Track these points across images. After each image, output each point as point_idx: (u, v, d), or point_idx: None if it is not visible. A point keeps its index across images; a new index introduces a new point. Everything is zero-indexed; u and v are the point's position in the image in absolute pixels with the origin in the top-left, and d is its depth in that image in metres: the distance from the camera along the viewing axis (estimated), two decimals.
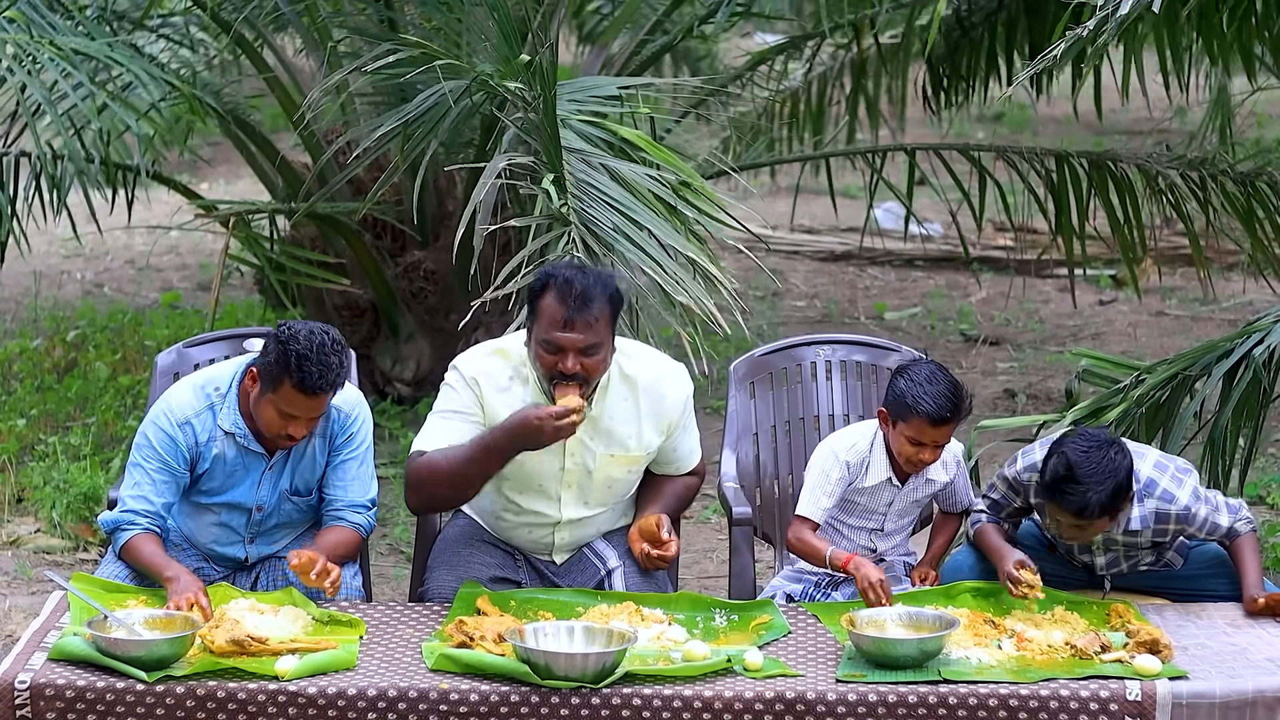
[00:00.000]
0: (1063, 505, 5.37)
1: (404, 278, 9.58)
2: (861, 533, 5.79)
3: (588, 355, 5.41)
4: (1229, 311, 11.48)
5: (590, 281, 5.43)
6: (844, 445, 5.75)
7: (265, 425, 5.52)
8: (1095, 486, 5.31)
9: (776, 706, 4.96)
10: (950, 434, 5.66)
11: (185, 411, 5.60)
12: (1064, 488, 5.34)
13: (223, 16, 9.08)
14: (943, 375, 5.61)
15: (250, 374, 5.53)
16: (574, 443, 5.56)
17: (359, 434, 5.69)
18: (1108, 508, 5.36)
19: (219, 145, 13.71)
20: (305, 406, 5.45)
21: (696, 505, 8.42)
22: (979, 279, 12.19)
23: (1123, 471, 5.35)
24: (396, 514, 8.39)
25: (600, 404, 5.57)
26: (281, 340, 5.42)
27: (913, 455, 5.63)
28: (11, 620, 7.18)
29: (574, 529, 5.71)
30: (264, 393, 5.47)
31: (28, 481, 8.47)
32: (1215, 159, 8.85)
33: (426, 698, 4.96)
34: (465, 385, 5.59)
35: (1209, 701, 5.01)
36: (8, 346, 10.48)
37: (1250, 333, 6.53)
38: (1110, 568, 5.70)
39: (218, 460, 5.62)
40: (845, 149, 10.64)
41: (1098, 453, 5.34)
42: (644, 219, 6.24)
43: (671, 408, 5.65)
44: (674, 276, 6.10)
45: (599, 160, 6.42)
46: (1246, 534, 5.61)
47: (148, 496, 5.57)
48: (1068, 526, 5.44)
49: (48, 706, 4.94)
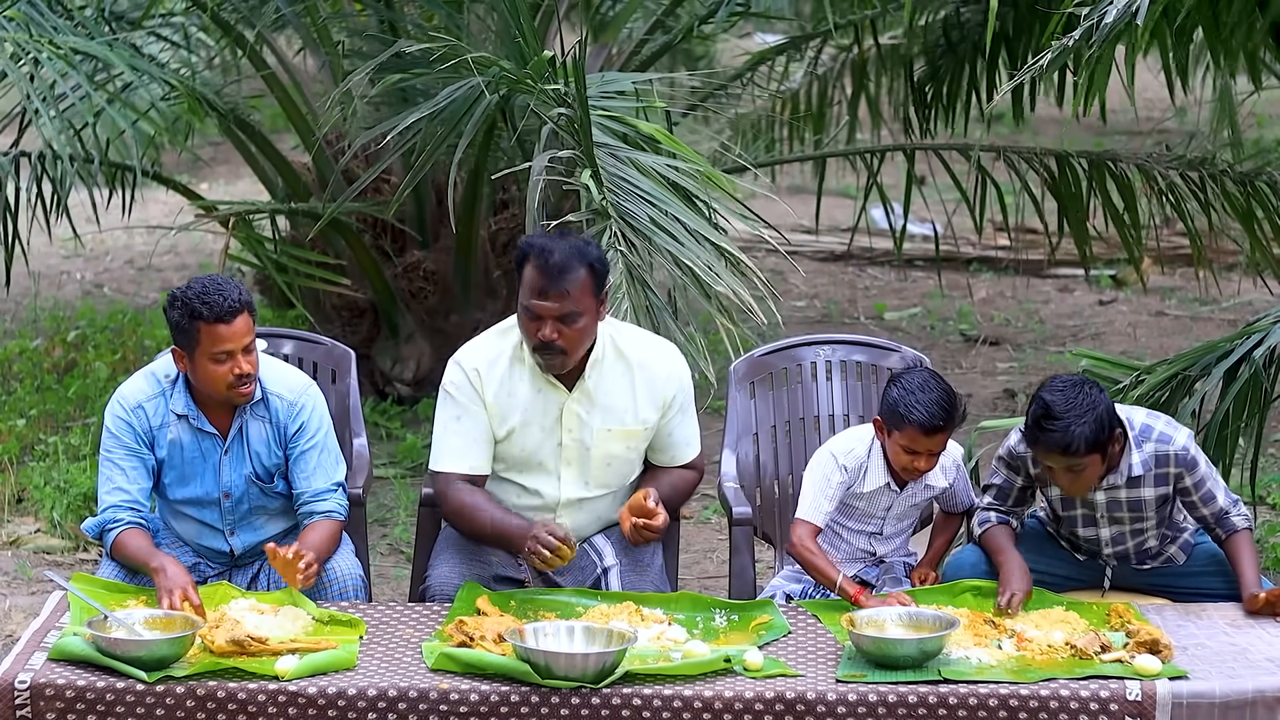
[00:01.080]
0: (1048, 445, 5.40)
1: (404, 278, 9.58)
2: (861, 536, 5.79)
3: (565, 323, 5.49)
4: (1228, 311, 11.47)
5: (568, 251, 5.50)
6: (842, 450, 5.73)
7: (214, 383, 5.53)
8: (1076, 420, 5.35)
9: (776, 706, 4.96)
10: (944, 442, 5.64)
11: (137, 396, 5.67)
12: (1045, 426, 5.37)
13: (222, 17, 9.08)
14: (936, 383, 5.59)
15: (175, 354, 5.58)
16: (571, 418, 5.62)
17: (310, 421, 5.69)
18: (1093, 442, 5.37)
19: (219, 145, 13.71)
20: (231, 335, 5.48)
21: (696, 505, 8.43)
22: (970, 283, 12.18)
23: (1101, 406, 5.38)
24: (397, 514, 8.39)
25: (596, 378, 5.62)
26: (176, 302, 5.53)
27: (908, 464, 5.62)
28: (11, 620, 7.18)
29: (574, 513, 5.72)
30: (191, 354, 5.52)
31: (28, 481, 8.47)
32: (1215, 159, 8.84)
33: (426, 697, 4.96)
34: (465, 381, 5.63)
35: (1209, 701, 5.01)
36: (8, 346, 10.48)
37: (1250, 333, 6.53)
38: (1115, 544, 5.68)
39: (174, 446, 5.65)
40: (844, 149, 10.64)
41: (1073, 390, 5.40)
42: (674, 210, 6.28)
43: (667, 383, 5.69)
44: (708, 266, 6.14)
45: (626, 155, 6.45)
46: (1244, 530, 5.62)
47: (121, 486, 5.61)
48: (1063, 474, 5.45)
49: (48, 706, 4.94)
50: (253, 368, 5.56)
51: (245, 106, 9.74)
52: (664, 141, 6.57)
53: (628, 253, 6.13)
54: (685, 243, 6.19)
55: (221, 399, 5.60)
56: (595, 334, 5.60)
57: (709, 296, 6.15)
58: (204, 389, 5.59)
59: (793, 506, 6.14)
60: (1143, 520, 5.65)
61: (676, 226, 6.23)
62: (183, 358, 5.57)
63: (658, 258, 6.08)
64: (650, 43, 9.99)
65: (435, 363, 9.61)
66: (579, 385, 5.63)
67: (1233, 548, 5.62)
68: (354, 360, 6.30)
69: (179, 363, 5.59)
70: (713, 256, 6.20)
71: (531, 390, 5.63)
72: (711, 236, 6.27)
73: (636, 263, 6.16)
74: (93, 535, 5.65)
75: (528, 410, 5.63)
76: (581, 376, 5.62)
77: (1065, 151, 9.20)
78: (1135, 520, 5.65)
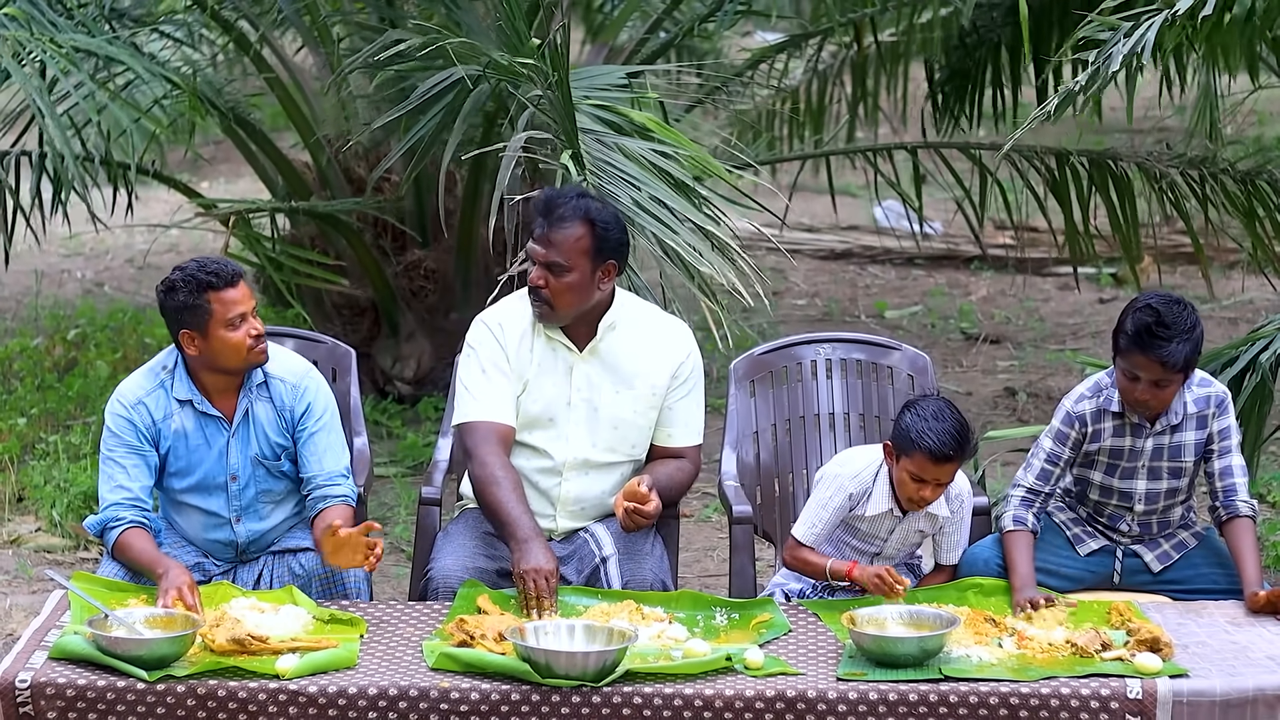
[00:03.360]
0: (1151, 355, 5.47)
1: (404, 276, 9.58)
2: (864, 557, 5.76)
3: (554, 274, 5.62)
4: (1229, 309, 11.47)
5: (574, 206, 5.64)
6: (849, 473, 5.69)
7: (234, 350, 5.59)
8: (1181, 335, 5.48)
9: (777, 705, 4.97)
10: (954, 473, 5.60)
11: (137, 393, 5.69)
12: (1157, 332, 5.47)
13: (223, 15, 9.08)
14: (950, 413, 5.54)
15: (184, 337, 5.61)
16: (580, 377, 5.73)
17: (316, 403, 5.73)
18: (1189, 359, 5.49)
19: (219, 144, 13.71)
20: (241, 298, 5.59)
21: (697, 504, 8.43)
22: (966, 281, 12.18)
23: (1199, 330, 5.53)
24: (397, 513, 8.40)
25: (608, 342, 5.74)
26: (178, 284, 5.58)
27: (914, 493, 5.56)
28: (12, 619, 7.19)
29: (579, 479, 5.75)
30: (205, 330, 5.56)
31: (28, 480, 8.47)
32: (1215, 158, 8.84)
33: (427, 696, 4.96)
34: (490, 335, 5.74)
35: (1209, 699, 5.01)
36: (8, 345, 10.48)
37: (1255, 339, 6.55)
38: (1148, 503, 5.70)
39: (178, 435, 5.67)
40: (845, 147, 10.64)
41: (1178, 306, 5.53)
42: (659, 193, 6.30)
43: (677, 352, 5.79)
44: (693, 247, 6.15)
45: (612, 140, 6.47)
46: (1248, 518, 5.65)
47: (122, 484, 5.62)
48: (1147, 389, 5.52)
49: (48, 706, 4.94)
50: (261, 327, 5.64)
51: (245, 105, 9.74)
52: (657, 131, 6.58)
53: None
54: (670, 225, 6.21)
55: (242, 366, 5.63)
56: (591, 296, 5.67)
57: (692, 276, 6.17)
58: (223, 362, 5.62)
59: (793, 505, 6.15)
60: (1179, 476, 5.69)
61: (661, 210, 6.25)
62: (193, 339, 5.60)
63: (641, 240, 6.10)
64: (652, 41, 9.99)
65: (436, 361, 9.61)
66: (590, 347, 5.73)
67: (1236, 535, 5.63)
68: (354, 359, 6.30)
69: (189, 347, 5.61)
70: (697, 239, 6.21)
71: (547, 349, 5.74)
72: (696, 219, 6.29)
73: None
74: (94, 533, 5.65)
75: (542, 365, 5.73)
76: (594, 339, 5.73)
77: (1066, 150, 9.20)
78: (1172, 475, 5.69)
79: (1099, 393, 5.68)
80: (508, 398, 5.73)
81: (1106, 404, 5.65)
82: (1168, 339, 5.46)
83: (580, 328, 5.74)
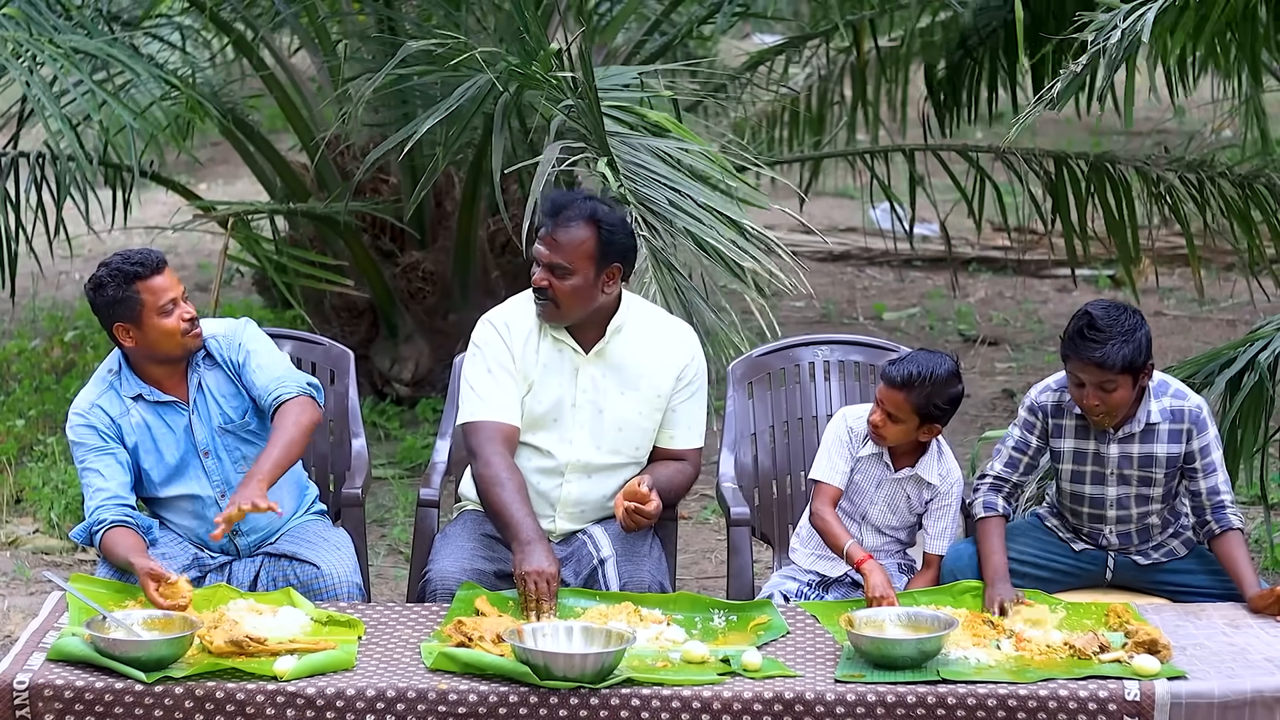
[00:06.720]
0: (1084, 356, 5.48)
1: (402, 278, 9.59)
2: (851, 523, 5.76)
3: (556, 275, 5.62)
4: (1227, 312, 11.48)
5: (580, 208, 5.64)
6: (854, 413, 5.79)
7: (168, 336, 5.64)
8: (1117, 336, 5.46)
9: (775, 707, 4.97)
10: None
11: (89, 400, 5.74)
12: (1088, 336, 5.48)
13: (221, 16, 9.08)
14: (1112, 316, 5.52)
15: (119, 331, 5.66)
16: (585, 379, 5.73)
17: (250, 343, 5.78)
18: (1129, 362, 5.47)
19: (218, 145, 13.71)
20: (169, 285, 5.65)
21: (695, 505, 8.43)
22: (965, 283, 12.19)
23: (1141, 331, 5.51)
24: (395, 514, 8.40)
25: (615, 345, 5.74)
26: (105, 280, 5.70)
27: (1079, 399, 5.52)
28: (10, 621, 7.19)
29: (581, 480, 5.75)
30: (139, 320, 5.61)
31: (26, 482, 8.47)
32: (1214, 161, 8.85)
33: (425, 698, 4.96)
34: (495, 335, 5.74)
35: (1207, 701, 5.01)
36: (6, 347, 10.48)
37: (1253, 340, 6.55)
38: (1120, 508, 5.69)
39: (140, 430, 5.70)
40: (844, 150, 10.65)
41: (1117, 310, 5.53)
42: (693, 192, 6.31)
43: (681, 355, 5.79)
44: (734, 243, 6.17)
45: (639, 142, 6.48)
46: (1238, 530, 5.65)
47: (100, 487, 5.63)
48: (1093, 393, 5.51)
49: (46, 707, 4.94)
50: (194, 312, 5.69)
51: (244, 106, 9.74)
52: (672, 129, 6.60)
53: (650, 237, 6.17)
54: (707, 223, 6.23)
55: (178, 353, 5.68)
56: (594, 300, 5.67)
57: (734, 273, 6.20)
58: (159, 350, 5.67)
59: (791, 506, 6.15)
60: (1150, 485, 5.67)
61: (696, 207, 6.27)
62: (128, 331, 5.66)
63: (680, 239, 6.12)
64: (649, 43, 10.00)
65: (434, 363, 9.61)
66: (596, 350, 5.73)
67: (1230, 546, 5.63)
68: (353, 360, 6.30)
69: (125, 339, 5.67)
70: (736, 233, 6.24)
71: (553, 350, 5.74)
72: (733, 214, 6.31)
73: (660, 246, 6.19)
74: (82, 542, 5.65)
75: (547, 366, 5.73)
76: (600, 341, 5.72)
77: (1064, 153, 9.21)
78: (1143, 483, 5.67)
79: (1063, 389, 5.70)
80: (513, 398, 5.73)
81: (1070, 404, 5.66)
82: (1101, 341, 5.46)
83: (587, 330, 5.74)
